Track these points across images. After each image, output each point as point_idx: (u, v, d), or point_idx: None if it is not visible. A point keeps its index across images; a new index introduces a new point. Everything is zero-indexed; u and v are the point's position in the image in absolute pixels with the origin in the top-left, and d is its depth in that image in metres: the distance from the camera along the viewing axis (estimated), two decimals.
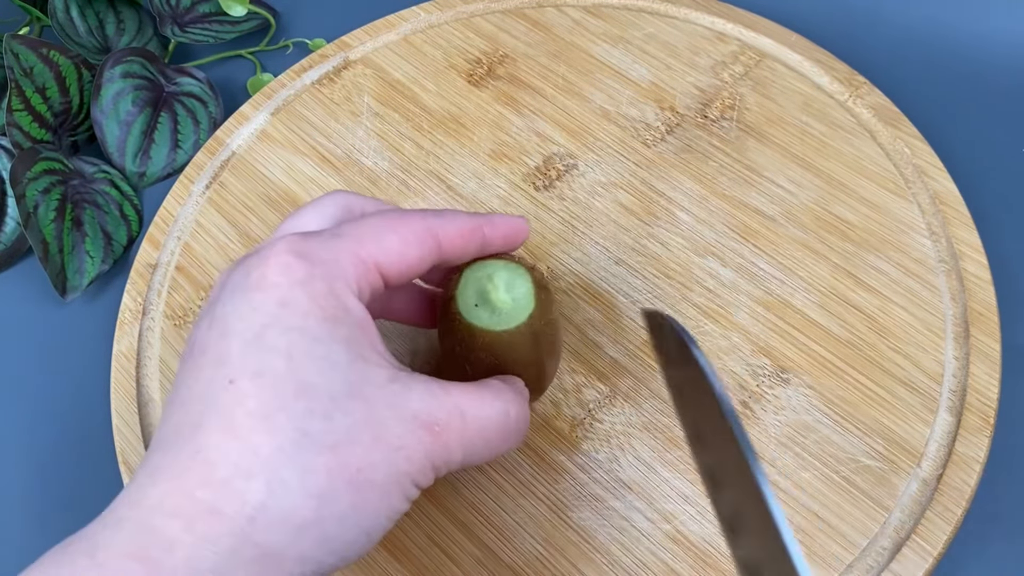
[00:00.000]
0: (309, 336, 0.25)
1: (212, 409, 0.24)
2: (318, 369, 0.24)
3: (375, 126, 0.46)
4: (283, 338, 0.24)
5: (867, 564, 0.33)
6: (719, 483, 0.26)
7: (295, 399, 0.24)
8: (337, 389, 0.24)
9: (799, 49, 0.46)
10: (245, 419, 0.23)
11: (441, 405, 0.26)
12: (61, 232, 0.44)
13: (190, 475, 0.23)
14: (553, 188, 0.43)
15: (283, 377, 0.24)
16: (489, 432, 0.28)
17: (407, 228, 0.28)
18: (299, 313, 0.25)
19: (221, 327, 0.25)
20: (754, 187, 0.42)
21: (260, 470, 0.23)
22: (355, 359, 0.25)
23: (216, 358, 0.25)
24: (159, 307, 0.42)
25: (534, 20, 0.49)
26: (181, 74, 0.51)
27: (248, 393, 0.24)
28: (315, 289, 0.25)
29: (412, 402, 0.26)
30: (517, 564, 0.34)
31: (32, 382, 0.43)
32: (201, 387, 0.24)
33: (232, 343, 0.25)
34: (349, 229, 0.28)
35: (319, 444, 0.24)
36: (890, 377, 0.37)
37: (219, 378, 0.24)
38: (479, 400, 0.28)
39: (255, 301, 0.25)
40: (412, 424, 0.25)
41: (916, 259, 0.40)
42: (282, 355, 0.24)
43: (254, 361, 0.24)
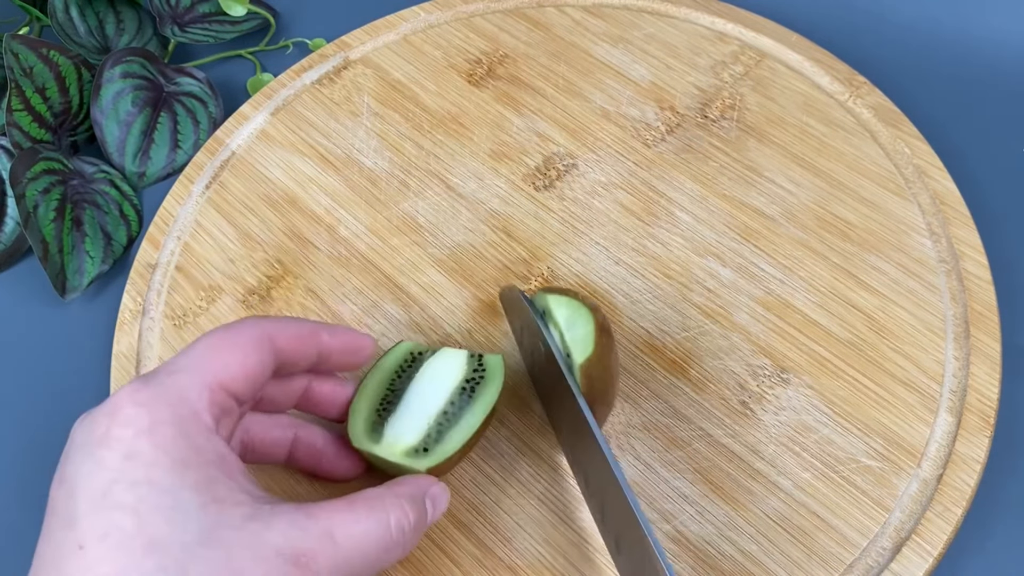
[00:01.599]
0: (156, 488, 0.24)
1: (64, 573, 0.23)
2: (167, 520, 0.24)
3: (375, 126, 0.46)
4: (129, 494, 0.24)
5: (867, 564, 0.33)
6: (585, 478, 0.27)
7: (145, 557, 0.23)
8: (189, 539, 0.24)
9: (799, 49, 0.46)
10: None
11: (306, 534, 0.25)
12: (61, 232, 0.44)
13: None
14: (553, 188, 0.43)
15: (131, 536, 0.23)
16: (368, 548, 0.27)
17: (243, 338, 0.28)
18: (145, 464, 0.24)
19: (69, 486, 0.25)
20: (754, 187, 0.42)
21: None
22: (207, 503, 0.25)
23: (65, 520, 0.24)
24: (159, 307, 0.42)
25: (534, 20, 0.49)
26: (181, 74, 0.51)
27: (97, 558, 0.23)
28: (161, 436, 0.25)
29: (273, 538, 0.25)
30: (517, 564, 0.34)
31: (32, 382, 0.43)
32: (51, 552, 0.24)
33: (79, 503, 0.24)
34: (184, 361, 0.27)
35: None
36: (890, 377, 0.37)
37: (68, 543, 0.24)
38: (351, 516, 0.27)
39: (100, 457, 0.25)
40: (276, 562, 0.24)
41: (916, 259, 0.40)
42: (129, 512, 0.24)
43: (101, 522, 0.24)
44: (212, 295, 0.42)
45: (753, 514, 0.34)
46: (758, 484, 0.35)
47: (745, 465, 0.35)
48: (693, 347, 0.38)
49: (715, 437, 0.36)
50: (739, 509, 0.34)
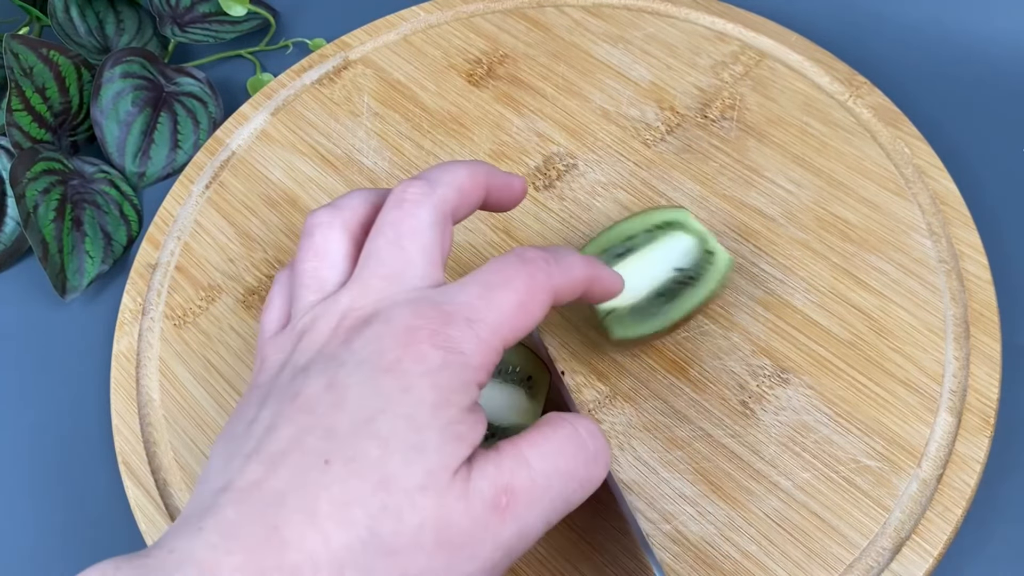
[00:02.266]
0: (412, 424, 0.24)
1: (300, 484, 0.24)
2: (404, 460, 0.24)
3: (375, 126, 0.46)
4: (388, 425, 0.24)
5: (867, 564, 0.33)
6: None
7: (373, 493, 0.24)
8: (414, 481, 0.24)
9: (799, 49, 0.46)
10: (326, 505, 0.23)
11: (502, 467, 0.25)
12: (61, 232, 0.44)
13: (266, 552, 0.23)
14: (553, 188, 0.43)
15: (372, 466, 0.24)
16: (562, 464, 0.26)
17: (535, 300, 0.27)
18: (414, 401, 0.25)
19: (338, 397, 0.25)
20: (754, 187, 0.42)
21: (327, 563, 0.23)
22: (444, 443, 0.25)
23: (323, 428, 0.25)
24: (159, 307, 0.42)
25: (534, 20, 0.49)
26: (181, 74, 0.51)
27: (337, 478, 0.24)
28: (441, 379, 0.25)
29: (480, 481, 0.25)
30: (517, 564, 0.34)
31: (32, 382, 0.43)
32: (296, 452, 0.24)
33: (342, 419, 0.25)
34: (483, 312, 0.27)
35: (384, 548, 0.23)
36: (890, 377, 0.37)
37: (317, 451, 0.24)
38: (539, 436, 0.26)
39: (381, 384, 0.25)
40: (480, 511, 0.25)
41: (916, 259, 0.40)
42: (380, 443, 0.24)
43: (354, 446, 0.24)
44: (212, 295, 0.42)
45: (753, 514, 0.34)
46: (758, 484, 0.35)
47: (745, 465, 0.35)
48: (693, 347, 0.38)
49: (715, 437, 0.36)
50: (739, 509, 0.34)
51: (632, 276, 0.37)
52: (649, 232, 0.38)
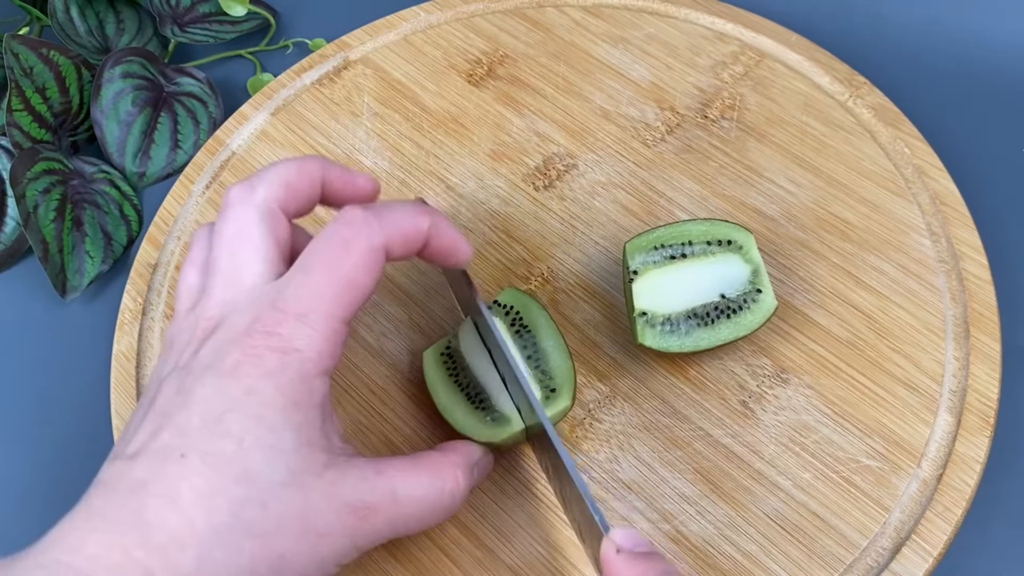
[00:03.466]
0: (264, 425, 0.26)
1: (160, 474, 0.26)
2: (264, 458, 0.26)
3: (375, 126, 0.46)
4: (239, 424, 0.26)
5: (867, 564, 0.33)
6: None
7: (236, 484, 0.25)
8: (277, 478, 0.26)
9: (799, 49, 0.46)
10: (188, 494, 0.25)
11: (373, 489, 0.28)
12: (61, 232, 0.44)
13: (129, 533, 0.25)
14: (553, 188, 0.43)
15: (229, 461, 0.26)
16: (422, 510, 0.29)
17: (360, 271, 0.28)
18: (261, 402, 0.26)
19: (186, 399, 0.27)
20: (754, 187, 0.42)
21: (193, 544, 0.25)
22: (301, 445, 0.27)
23: (174, 427, 0.26)
24: (159, 307, 0.42)
25: (534, 20, 0.49)
26: (181, 74, 0.51)
27: (195, 470, 0.25)
28: (283, 379, 0.27)
29: (345, 490, 0.27)
30: (517, 564, 0.34)
31: (32, 382, 0.43)
32: (154, 447, 0.26)
33: (193, 418, 0.26)
34: (306, 301, 0.28)
35: (250, 531, 0.25)
36: (890, 377, 0.37)
37: (173, 447, 0.26)
38: (414, 479, 0.29)
39: (224, 387, 0.27)
40: (342, 511, 0.27)
41: (916, 259, 0.40)
42: (234, 440, 0.26)
43: (207, 443, 0.26)
44: None
45: (753, 514, 0.34)
46: (758, 484, 0.35)
47: (745, 465, 0.35)
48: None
49: (715, 437, 0.36)
50: (739, 509, 0.34)
51: (678, 284, 0.36)
52: (708, 244, 0.36)
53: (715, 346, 0.35)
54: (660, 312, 0.35)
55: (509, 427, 0.33)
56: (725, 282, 0.36)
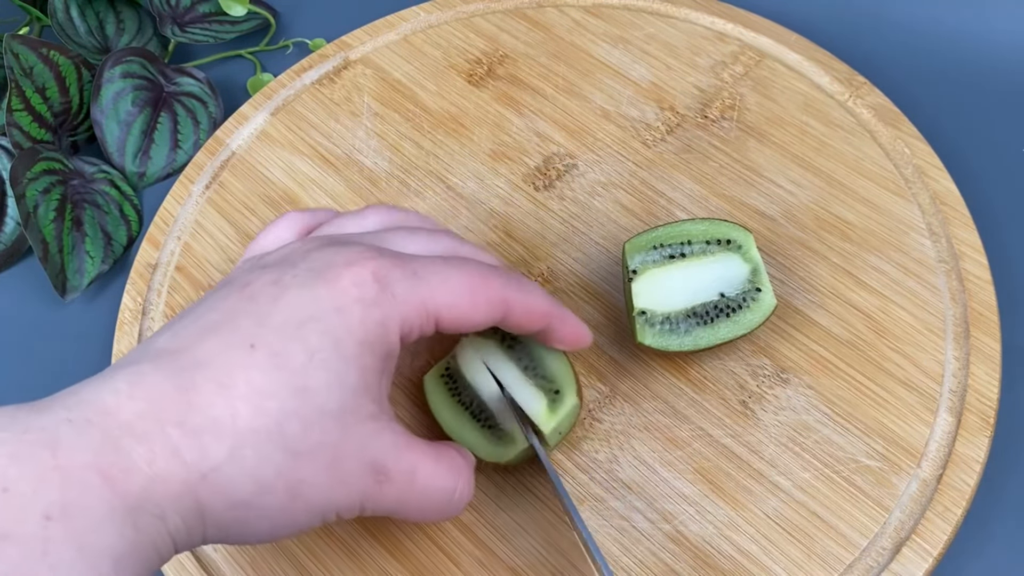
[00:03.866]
0: (338, 349, 0.26)
1: (222, 358, 0.25)
2: (327, 381, 0.26)
3: (375, 126, 0.46)
4: (317, 338, 0.26)
5: (867, 564, 0.33)
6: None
7: (291, 396, 0.25)
8: (330, 407, 0.26)
9: (799, 49, 0.46)
10: (243, 386, 0.25)
11: (399, 460, 0.28)
12: (61, 232, 0.44)
13: (169, 406, 0.24)
14: (553, 188, 0.43)
15: (294, 371, 0.25)
16: (429, 500, 0.29)
17: (484, 293, 0.29)
18: (344, 326, 0.26)
19: (278, 291, 0.27)
20: (754, 187, 0.42)
21: (230, 436, 0.24)
22: (359, 387, 0.26)
23: (257, 315, 0.26)
24: (159, 307, 0.42)
25: (534, 20, 0.49)
26: (181, 74, 0.51)
27: (258, 365, 0.25)
28: (370, 315, 0.27)
29: (376, 448, 0.27)
30: (517, 564, 0.34)
31: (32, 382, 0.43)
32: (227, 329, 0.26)
33: (278, 313, 0.26)
34: (430, 272, 0.28)
35: (286, 446, 0.25)
36: (890, 377, 0.37)
37: (247, 335, 0.26)
38: (434, 469, 0.29)
39: (319, 292, 0.26)
40: (365, 467, 0.27)
41: (916, 259, 0.40)
42: (308, 352, 0.26)
43: (282, 343, 0.25)
44: None
45: (753, 514, 0.34)
46: (758, 484, 0.35)
47: (745, 465, 0.35)
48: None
49: (715, 437, 0.36)
50: (739, 509, 0.34)
51: (677, 283, 0.36)
52: (707, 244, 0.36)
53: (715, 345, 0.35)
54: (659, 311, 0.35)
55: (515, 446, 0.33)
56: (724, 281, 0.36)
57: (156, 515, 0.23)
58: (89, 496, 0.22)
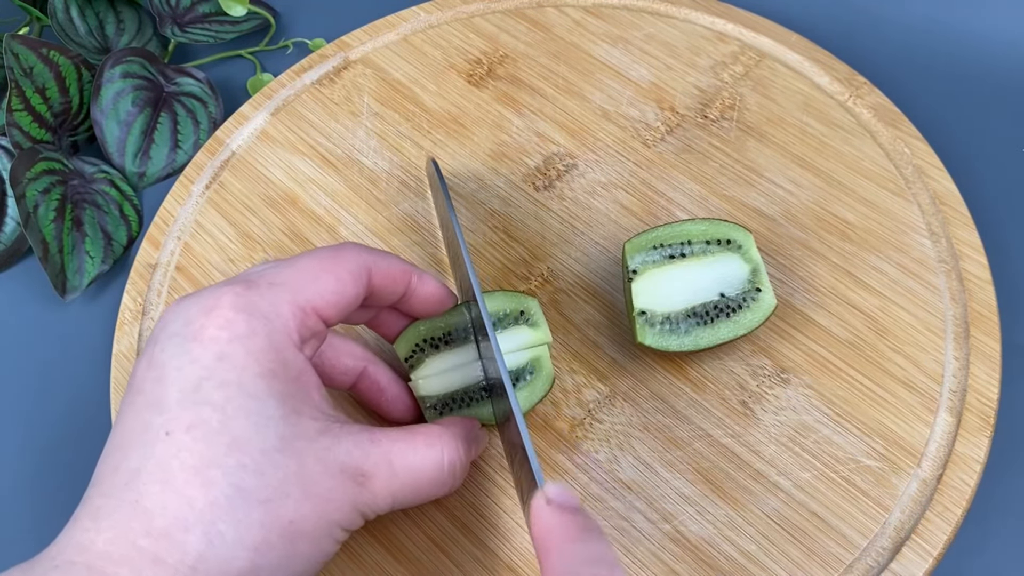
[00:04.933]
0: (244, 392, 0.26)
1: (150, 458, 0.25)
2: (252, 424, 0.25)
3: (375, 126, 0.46)
4: (219, 392, 0.25)
5: (867, 564, 0.33)
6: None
7: (227, 454, 0.25)
8: (269, 444, 0.25)
9: (799, 49, 0.46)
10: (180, 472, 0.25)
11: (368, 456, 0.27)
12: (61, 232, 0.44)
13: (132, 524, 0.24)
14: (553, 188, 0.43)
15: (217, 431, 0.25)
16: (420, 480, 0.29)
17: (342, 267, 0.29)
18: (236, 368, 0.26)
19: (159, 373, 0.26)
20: (754, 187, 0.42)
21: (196, 522, 0.24)
22: (288, 413, 0.26)
23: (153, 404, 0.26)
24: (159, 307, 0.42)
25: (534, 20, 0.49)
26: (181, 74, 0.51)
27: (183, 446, 0.25)
28: (254, 344, 0.26)
29: (340, 455, 0.27)
30: (517, 564, 0.34)
31: (32, 382, 0.43)
32: (138, 433, 0.26)
33: (169, 391, 0.26)
34: (285, 275, 0.28)
35: (252, 499, 0.25)
36: (890, 377, 0.37)
37: (155, 427, 0.25)
38: (410, 448, 0.29)
39: (194, 353, 0.26)
40: (340, 477, 0.27)
41: (916, 259, 0.40)
42: (217, 409, 0.25)
43: (190, 414, 0.25)
44: None
45: (753, 514, 0.34)
46: (758, 484, 0.35)
47: (745, 465, 0.35)
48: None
49: (715, 437, 0.36)
50: (739, 509, 0.34)
51: (677, 283, 0.36)
52: (707, 244, 0.36)
53: (715, 345, 0.35)
54: (659, 311, 0.35)
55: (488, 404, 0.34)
56: (724, 281, 0.36)
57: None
58: None
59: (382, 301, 0.32)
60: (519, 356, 0.35)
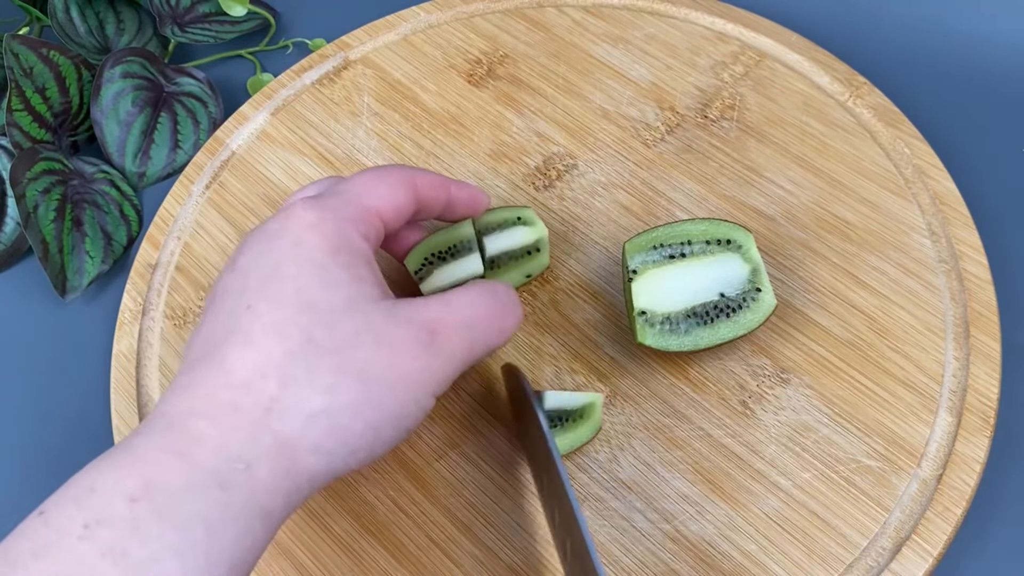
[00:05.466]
0: (315, 264, 0.28)
1: (233, 329, 0.27)
2: (321, 288, 0.28)
3: (375, 126, 0.46)
4: (294, 268, 0.28)
5: (867, 564, 0.33)
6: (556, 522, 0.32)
7: (301, 313, 0.27)
8: (338, 304, 0.28)
9: (799, 49, 0.46)
10: (260, 332, 0.27)
11: (428, 306, 0.29)
12: (61, 232, 0.44)
13: (214, 381, 0.26)
14: (553, 188, 0.43)
15: (292, 297, 0.27)
16: (482, 311, 0.31)
17: (392, 177, 0.33)
18: (308, 247, 0.28)
19: (243, 271, 0.29)
20: (754, 187, 0.42)
21: (273, 370, 0.26)
22: (353, 279, 0.28)
23: (237, 291, 0.28)
24: (159, 307, 0.42)
25: (534, 20, 0.49)
26: (181, 74, 0.51)
27: (262, 312, 0.27)
28: (324, 229, 0.29)
29: (404, 309, 0.29)
30: (517, 564, 0.34)
31: (32, 382, 0.43)
32: (223, 316, 0.28)
33: (251, 279, 0.28)
34: (346, 186, 0.32)
35: (324, 347, 0.27)
36: (890, 377, 0.37)
37: (239, 306, 0.28)
38: (461, 291, 0.31)
39: (273, 247, 0.29)
40: (408, 326, 0.28)
41: (916, 259, 0.40)
42: (291, 281, 0.28)
43: (268, 289, 0.28)
44: None
45: (753, 514, 0.34)
46: (758, 484, 0.35)
47: (745, 465, 0.35)
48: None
49: (715, 437, 0.36)
50: (739, 509, 0.34)
51: (677, 283, 0.36)
52: (707, 244, 0.36)
53: (715, 345, 0.35)
54: (660, 311, 0.35)
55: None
56: (725, 281, 0.36)
57: (240, 469, 0.25)
58: (167, 473, 0.24)
59: (429, 211, 0.35)
60: (572, 398, 0.35)
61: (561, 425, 0.35)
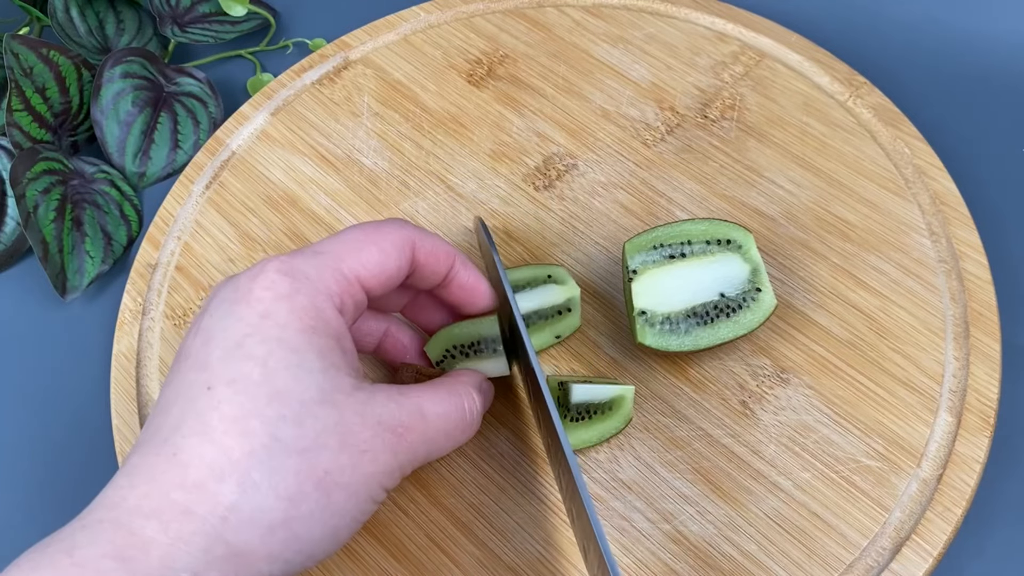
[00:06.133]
0: (286, 346, 0.26)
1: (189, 413, 0.25)
2: (292, 376, 0.26)
3: (375, 126, 0.46)
4: (261, 347, 0.26)
5: (867, 564, 0.33)
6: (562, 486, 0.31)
7: (267, 405, 0.25)
8: (309, 395, 0.26)
9: (799, 49, 0.46)
10: (219, 423, 0.25)
11: (401, 409, 0.28)
12: (61, 232, 0.44)
13: (166, 477, 0.24)
14: (553, 188, 0.43)
15: (258, 384, 0.25)
16: (447, 426, 0.30)
17: (386, 240, 0.30)
18: (278, 324, 0.26)
19: (205, 336, 0.27)
20: (754, 187, 0.42)
21: (232, 472, 0.24)
22: (327, 367, 0.27)
23: (197, 364, 0.26)
24: (159, 307, 0.42)
25: (534, 20, 0.49)
26: (181, 74, 0.51)
27: (223, 399, 0.25)
28: (296, 303, 0.27)
29: (376, 408, 0.27)
30: (517, 564, 0.34)
31: (32, 382, 0.43)
32: (181, 392, 0.26)
33: (213, 350, 0.26)
34: (330, 246, 0.29)
35: (289, 448, 0.25)
36: (890, 377, 0.37)
37: (198, 383, 0.26)
38: (435, 398, 0.30)
39: (239, 313, 0.27)
40: (377, 428, 0.27)
41: (916, 259, 0.40)
42: (259, 363, 0.26)
43: (232, 368, 0.26)
44: None
45: (753, 514, 0.34)
46: (758, 484, 0.35)
47: (745, 465, 0.35)
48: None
49: (715, 437, 0.36)
50: (739, 509, 0.34)
51: (677, 283, 0.36)
52: (707, 244, 0.36)
53: (715, 345, 0.35)
54: (660, 311, 0.35)
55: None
56: (725, 281, 0.36)
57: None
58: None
59: (424, 282, 0.33)
60: (603, 390, 0.35)
61: (589, 418, 0.35)
